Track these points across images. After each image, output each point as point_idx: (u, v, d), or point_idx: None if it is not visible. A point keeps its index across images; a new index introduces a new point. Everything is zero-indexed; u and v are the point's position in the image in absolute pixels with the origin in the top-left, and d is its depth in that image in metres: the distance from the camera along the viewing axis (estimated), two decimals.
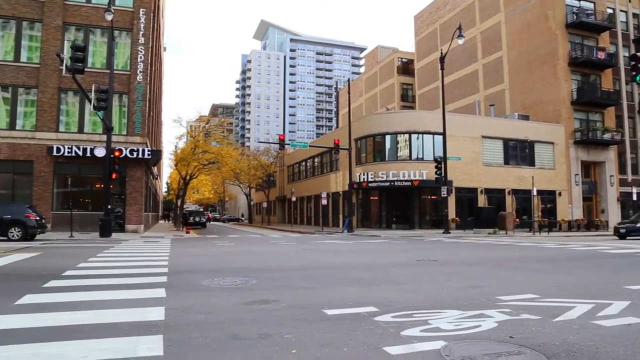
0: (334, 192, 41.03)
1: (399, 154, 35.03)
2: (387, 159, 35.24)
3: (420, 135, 34.64)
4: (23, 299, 6.43)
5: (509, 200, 35.60)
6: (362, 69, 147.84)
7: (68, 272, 9.18)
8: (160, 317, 5.34)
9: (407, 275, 9.41)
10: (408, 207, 35.44)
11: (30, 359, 3.88)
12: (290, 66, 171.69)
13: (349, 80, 41.06)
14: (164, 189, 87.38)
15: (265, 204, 59.51)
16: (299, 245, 18.59)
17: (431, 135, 34.21)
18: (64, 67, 17.99)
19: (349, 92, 37.03)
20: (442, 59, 29.52)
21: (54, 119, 26.08)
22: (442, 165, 28.41)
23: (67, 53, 18.57)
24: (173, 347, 4.17)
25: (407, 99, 59.22)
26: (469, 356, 3.94)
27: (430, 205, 35.76)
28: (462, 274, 9.66)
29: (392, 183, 34.11)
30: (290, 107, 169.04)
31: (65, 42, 25.27)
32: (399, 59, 60.18)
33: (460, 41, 28.80)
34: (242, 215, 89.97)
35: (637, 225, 23.59)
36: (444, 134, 29.16)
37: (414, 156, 34.55)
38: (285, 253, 15.25)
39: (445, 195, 28.65)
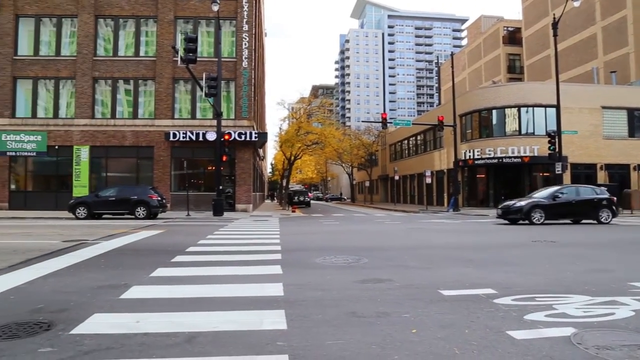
0: (438, 171, 40.02)
1: (507, 129, 33.24)
2: (494, 135, 33.60)
3: (530, 108, 32.57)
4: (156, 272, 7.07)
5: (635, 176, 32.38)
6: (464, 42, 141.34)
7: (190, 249, 9.91)
8: (280, 293, 5.59)
9: (523, 256, 8.97)
10: (518, 185, 33.58)
11: (167, 327, 4.24)
12: (389, 43, 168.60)
13: (452, 54, 39.39)
14: (269, 169, 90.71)
15: (367, 183, 59.57)
16: (405, 224, 18.45)
17: (542, 108, 32.03)
18: (179, 58, 19.19)
19: (452, 66, 35.61)
20: (554, 24, 27.27)
21: (170, 107, 28.07)
22: (556, 139, 26.47)
23: (180, 45, 19.77)
24: (295, 322, 4.35)
25: (515, 71, 55.75)
26: (605, 346, 3.67)
27: (542, 182, 33.55)
28: (586, 256, 9.02)
29: (500, 160, 32.53)
30: (390, 85, 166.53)
31: (179, 34, 26.90)
32: (505, 28, 56.64)
33: (576, 3, 26.30)
34: (341, 194, 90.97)
35: (516, 205, 18.45)
36: (557, 106, 27.08)
37: (523, 131, 32.60)
38: (392, 232, 15.21)
39: (560, 172, 26.70)
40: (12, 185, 27.99)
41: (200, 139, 26.77)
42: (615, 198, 19.32)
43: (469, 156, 34.13)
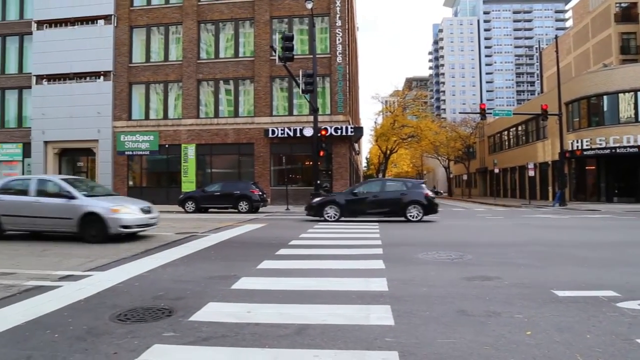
0: (542, 162, 37.72)
1: (621, 117, 30.49)
2: (605, 123, 30.98)
3: None
4: (262, 264, 7.37)
5: None
6: (568, 23, 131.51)
7: (293, 242, 10.19)
8: (384, 288, 5.59)
9: None
10: (634, 177, 30.69)
11: (277, 318, 4.41)
12: (485, 30, 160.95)
13: (555, 37, 36.70)
14: (364, 163, 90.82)
15: (465, 177, 57.68)
16: (509, 220, 17.58)
17: None
18: (276, 57, 19.76)
19: (556, 50, 33.23)
20: None
21: (268, 104, 29.04)
22: None
23: (277, 44, 20.34)
24: (402, 318, 4.32)
25: (629, 51, 50.72)
26: None
27: None
28: None
29: (613, 150, 29.94)
30: (486, 74, 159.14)
31: (275, 34, 27.68)
32: (617, 5, 51.73)
33: None
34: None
35: (314, 201, 16.97)
36: None
37: None
38: (495, 227, 14.58)
39: None
40: (130, 181, 30.63)
41: (298, 134, 27.40)
42: (430, 193, 17.13)
43: (577, 146, 31.79)
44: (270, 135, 27.94)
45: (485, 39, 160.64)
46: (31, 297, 5.36)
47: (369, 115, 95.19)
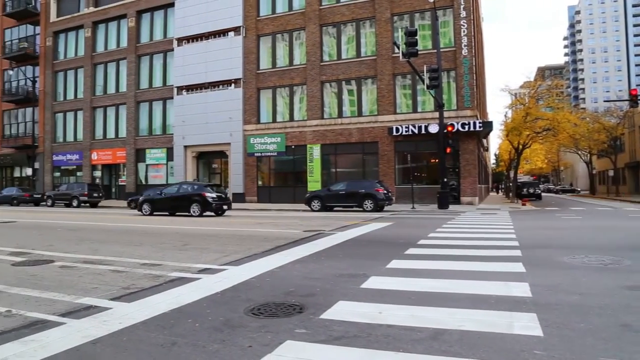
0: None
1: None
2: None
3: None
4: (391, 264, 7.18)
5: None
6: None
7: (421, 242, 9.85)
8: (527, 294, 5.09)
9: None
10: None
11: (410, 320, 4.20)
12: (634, 6, 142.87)
13: None
14: (492, 160, 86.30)
15: (611, 172, 51.92)
16: None
17: None
18: (400, 54, 19.46)
19: None
20: None
21: (391, 102, 28.72)
22: None
23: (400, 40, 19.99)
24: (552, 329, 3.86)
25: None
26: None
27: None
28: None
29: None
30: (635, 55, 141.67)
31: (398, 30, 27.30)
32: None
33: None
34: (571, 185, 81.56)
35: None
36: None
37: None
38: None
39: None
40: (259, 181, 32.29)
41: (422, 132, 26.69)
42: (206, 194, 19.91)
43: None
44: (394, 133, 27.60)
45: (634, 16, 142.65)
46: (175, 287, 5.79)
47: (498, 108, 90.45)
